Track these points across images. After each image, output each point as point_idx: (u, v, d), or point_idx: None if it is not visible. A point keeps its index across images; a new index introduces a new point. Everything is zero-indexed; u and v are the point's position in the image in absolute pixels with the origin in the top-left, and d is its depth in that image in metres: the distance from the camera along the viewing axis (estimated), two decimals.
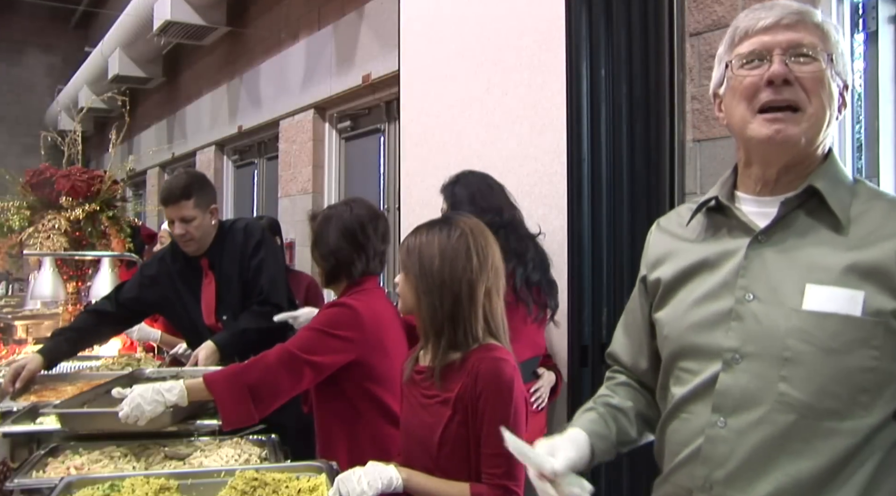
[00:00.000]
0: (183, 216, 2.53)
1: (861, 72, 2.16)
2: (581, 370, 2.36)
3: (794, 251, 1.10)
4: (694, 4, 2.40)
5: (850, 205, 1.10)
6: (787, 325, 1.07)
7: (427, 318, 1.57)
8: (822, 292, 1.05)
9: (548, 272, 2.32)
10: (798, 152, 1.12)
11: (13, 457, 2.04)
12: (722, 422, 1.11)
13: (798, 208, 1.12)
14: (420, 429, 1.59)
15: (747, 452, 1.08)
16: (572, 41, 2.36)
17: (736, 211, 1.17)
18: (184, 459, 1.89)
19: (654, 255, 1.28)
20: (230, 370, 1.91)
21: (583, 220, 2.36)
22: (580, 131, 2.37)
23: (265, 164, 6.79)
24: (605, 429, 1.26)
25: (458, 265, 1.55)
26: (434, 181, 2.73)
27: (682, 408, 1.17)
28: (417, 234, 1.61)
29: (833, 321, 1.04)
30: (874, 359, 1.03)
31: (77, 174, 3.70)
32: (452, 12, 2.98)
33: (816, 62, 1.09)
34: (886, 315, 1.03)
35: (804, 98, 1.10)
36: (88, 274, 3.77)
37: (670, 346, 1.20)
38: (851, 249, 1.06)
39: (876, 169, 2.11)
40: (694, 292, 1.18)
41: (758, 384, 1.08)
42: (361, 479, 1.47)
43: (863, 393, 1.03)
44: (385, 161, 4.86)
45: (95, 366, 3.17)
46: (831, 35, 1.13)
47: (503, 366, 1.52)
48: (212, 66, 7.64)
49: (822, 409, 1.04)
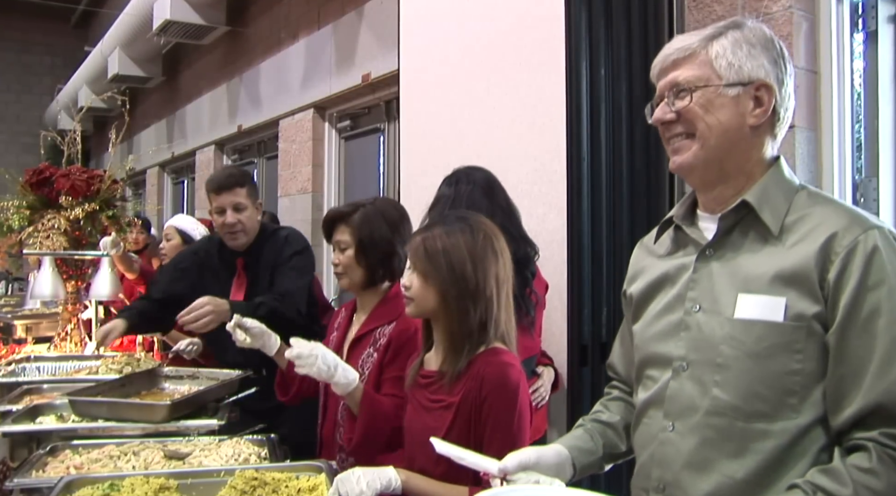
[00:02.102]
0: (237, 203, 2.52)
1: (861, 72, 2.16)
2: (581, 370, 2.36)
3: (732, 263, 1.16)
4: (693, 4, 2.41)
5: (785, 213, 1.14)
6: (721, 333, 1.13)
7: (457, 323, 1.53)
8: (750, 300, 1.11)
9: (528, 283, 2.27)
10: (709, 173, 1.18)
11: (13, 456, 2.04)
12: (671, 427, 1.18)
13: (738, 222, 1.17)
14: (423, 432, 1.57)
15: (690, 454, 1.15)
16: (572, 41, 2.36)
17: (688, 228, 1.24)
18: (183, 459, 1.89)
19: (632, 271, 1.36)
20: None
21: (582, 220, 2.36)
22: (580, 131, 2.36)
23: (265, 164, 6.79)
24: (589, 443, 1.34)
25: (490, 268, 1.53)
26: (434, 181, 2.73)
27: (643, 413, 1.26)
28: (433, 234, 1.55)
29: (758, 327, 1.09)
30: (798, 362, 1.07)
31: (77, 173, 3.69)
32: (452, 12, 2.98)
33: (696, 92, 1.15)
34: (808, 319, 1.07)
35: (688, 128, 1.17)
36: (88, 273, 3.76)
37: (639, 355, 1.29)
38: (780, 256, 1.11)
39: (875, 169, 2.12)
40: (657, 305, 1.25)
41: (697, 389, 1.15)
42: (360, 480, 1.46)
43: (790, 395, 1.08)
44: (385, 161, 4.86)
45: (95, 366, 3.17)
46: (714, 50, 1.16)
47: (510, 372, 1.50)
48: (211, 66, 7.64)
49: (751, 412, 1.09)
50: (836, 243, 1.07)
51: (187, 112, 8.34)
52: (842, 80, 2.16)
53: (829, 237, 1.07)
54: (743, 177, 1.17)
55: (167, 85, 9.08)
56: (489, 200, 2.24)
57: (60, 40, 13.45)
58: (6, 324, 4.25)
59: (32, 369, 3.21)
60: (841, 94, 2.16)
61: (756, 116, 1.15)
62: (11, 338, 4.11)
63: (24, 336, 4.13)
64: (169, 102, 9.06)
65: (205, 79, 7.80)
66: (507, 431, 1.47)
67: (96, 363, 3.21)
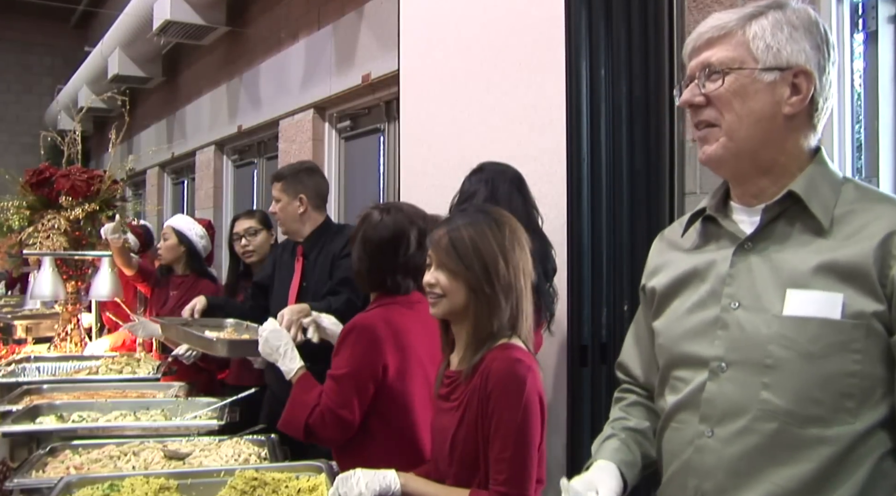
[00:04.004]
0: (274, 196, 2.76)
1: (861, 72, 2.16)
2: (581, 370, 2.35)
3: (777, 257, 1.09)
4: (694, 4, 2.40)
5: (834, 205, 1.07)
6: (769, 332, 1.06)
7: (486, 319, 1.48)
8: (802, 296, 1.04)
9: (550, 278, 2.31)
10: (741, 165, 1.12)
11: (13, 456, 2.04)
12: (709, 432, 1.10)
13: (781, 214, 1.10)
14: (440, 432, 1.56)
15: (734, 462, 1.07)
16: (572, 41, 2.36)
17: (723, 220, 1.16)
18: (183, 459, 1.89)
19: (653, 265, 1.29)
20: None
21: (582, 220, 2.36)
22: (580, 131, 2.36)
23: (265, 164, 6.78)
24: (630, 455, 1.24)
25: (519, 263, 1.50)
26: (434, 181, 2.73)
27: (674, 418, 1.18)
28: (459, 229, 1.50)
29: (812, 325, 1.02)
30: (856, 363, 1.00)
31: (77, 174, 3.70)
32: (452, 12, 2.98)
33: (729, 75, 1.09)
34: (868, 317, 1.00)
35: (716, 116, 1.11)
36: (88, 273, 3.77)
37: (665, 355, 1.21)
38: (833, 251, 1.04)
39: (875, 169, 2.11)
40: (686, 301, 1.18)
41: (741, 392, 1.07)
42: (360, 481, 1.46)
43: (847, 398, 1.01)
44: (385, 161, 4.85)
45: (95, 366, 3.17)
46: (752, 31, 1.09)
47: (517, 367, 1.45)
48: (211, 66, 7.64)
49: (805, 416, 1.02)
50: None
51: (187, 112, 8.33)
52: (841, 81, 2.16)
53: (890, 233, 1.00)
54: (779, 168, 1.10)
55: (167, 85, 9.07)
56: (524, 199, 2.27)
57: (60, 40, 13.44)
58: (6, 325, 4.25)
59: (32, 369, 3.22)
60: (841, 95, 2.16)
61: (792, 105, 1.08)
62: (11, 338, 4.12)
63: (24, 336, 4.13)
64: (169, 103, 9.05)
65: (205, 79, 7.79)
66: (510, 427, 1.43)
67: (96, 363, 3.21)
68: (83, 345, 3.70)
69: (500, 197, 2.23)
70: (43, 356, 3.48)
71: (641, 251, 2.44)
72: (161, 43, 7.56)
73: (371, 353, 1.81)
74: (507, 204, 2.22)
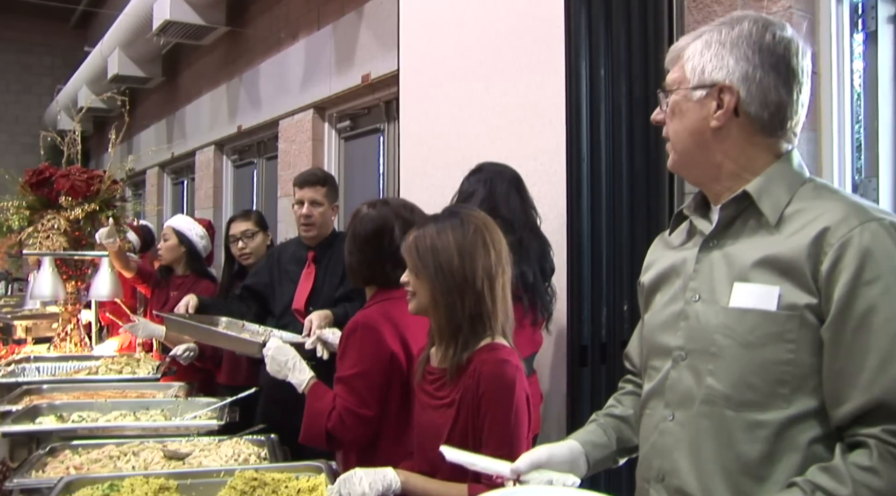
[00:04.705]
0: (314, 199, 2.76)
1: (860, 72, 2.16)
2: (580, 370, 2.35)
3: (731, 252, 1.16)
4: (693, 4, 2.40)
5: (786, 204, 1.13)
6: (716, 322, 1.14)
7: (445, 318, 1.54)
8: (745, 289, 1.12)
9: (548, 278, 2.32)
10: (692, 173, 1.23)
11: (12, 456, 2.04)
12: (671, 416, 1.19)
13: (742, 212, 1.17)
14: (431, 428, 1.59)
15: (687, 444, 1.16)
16: (571, 41, 2.36)
17: (696, 220, 1.24)
18: (183, 459, 1.89)
19: (647, 261, 1.37)
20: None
21: (582, 220, 2.36)
22: (579, 131, 2.36)
23: (265, 164, 6.78)
24: (602, 438, 1.35)
25: (478, 261, 1.52)
26: (433, 181, 2.73)
27: (646, 404, 1.27)
28: (424, 230, 1.58)
29: (752, 316, 1.10)
30: (790, 352, 1.07)
31: (76, 174, 3.70)
32: (452, 12, 2.98)
33: (671, 95, 1.21)
34: (801, 309, 1.06)
35: (668, 131, 1.23)
36: (88, 274, 3.76)
37: (645, 346, 1.31)
38: (776, 246, 1.11)
39: (875, 169, 2.11)
40: (665, 296, 1.26)
41: (694, 379, 1.16)
42: (363, 481, 1.47)
43: (781, 385, 1.08)
44: (384, 161, 4.85)
45: (95, 366, 3.18)
46: (687, 53, 1.19)
47: (505, 368, 1.51)
48: (211, 66, 7.63)
49: (742, 401, 1.10)
50: (830, 235, 1.06)
51: (187, 112, 8.33)
52: (841, 81, 2.16)
53: (823, 229, 1.06)
54: (729, 174, 1.18)
55: (167, 85, 9.07)
56: (522, 199, 2.28)
57: (60, 40, 13.43)
58: (6, 325, 4.25)
59: (32, 369, 3.22)
60: (841, 95, 2.16)
61: (717, 118, 1.16)
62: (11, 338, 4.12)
63: (24, 336, 4.13)
64: (169, 103, 9.05)
65: (204, 79, 7.79)
66: (504, 427, 1.48)
67: (96, 363, 3.22)
68: (83, 345, 3.70)
69: (498, 197, 2.24)
70: (43, 356, 3.48)
71: (641, 251, 2.43)
72: (161, 43, 7.55)
73: (377, 348, 1.83)
74: (506, 204, 2.24)
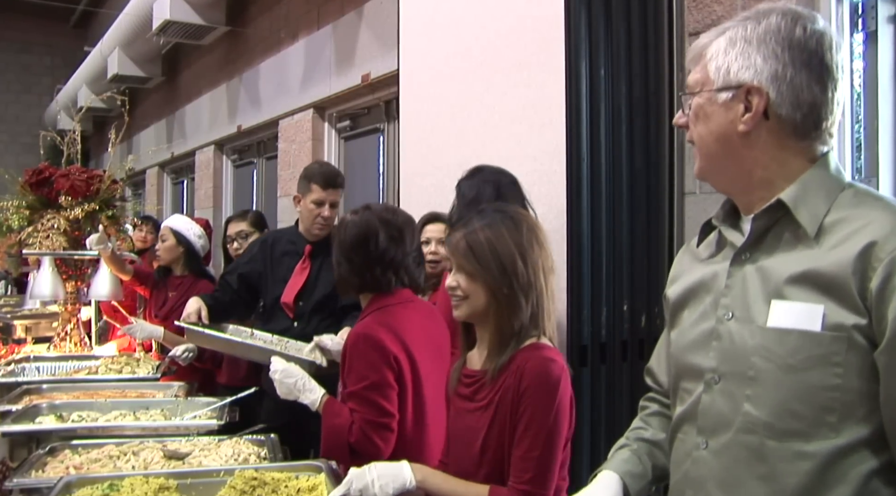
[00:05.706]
0: (336, 201, 2.79)
1: (860, 72, 2.15)
2: (581, 370, 2.35)
3: (766, 266, 1.06)
4: (693, 4, 2.40)
5: (825, 213, 1.03)
6: (753, 343, 1.04)
7: (507, 319, 1.47)
8: (784, 307, 1.02)
9: None
10: (721, 181, 1.14)
11: (12, 456, 2.04)
12: (704, 444, 1.10)
13: (776, 223, 1.07)
14: (465, 433, 1.53)
15: (721, 475, 1.07)
16: (571, 41, 2.36)
17: (725, 230, 1.15)
18: (183, 459, 1.89)
19: (673, 273, 1.28)
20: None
21: (582, 220, 2.36)
22: (579, 131, 2.36)
23: (264, 164, 6.78)
24: (638, 466, 1.25)
25: (538, 261, 1.49)
26: (433, 181, 2.73)
27: (678, 429, 1.18)
28: (475, 230, 1.50)
29: (793, 337, 1.00)
30: (837, 377, 0.97)
31: (76, 174, 3.69)
32: (452, 12, 2.97)
33: (694, 97, 1.12)
34: (848, 329, 0.97)
35: (692, 135, 1.14)
36: (87, 273, 3.76)
37: (674, 366, 1.21)
38: (817, 260, 1.01)
39: (875, 169, 2.11)
40: (693, 313, 1.17)
41: (729, 405, 1.06)
42: (375, 482, 1.44)
43: (828, 412, 0.98)
44: (384, 161, 4.85)
45: (95, 365, 3.17)
46: (710, 52, 1.10)
47: (551, 367, 1.45)
48: (211, 66, 7.63)
49: (785, 430, 1.00)
50: (879, 250, 0.95)
51: (187, 112, 8.33)
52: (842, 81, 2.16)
53: (870, 243, 0.96)
54: (761, 181, 1.08)
55: (167, 85, 9.07)
56: (522, 201, 2.31)
57: (60, 40, 13.43)
58: (6, 325, 4.25)
59: (32, 369, 3.22)
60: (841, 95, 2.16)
61: (745, 123, 1.06)
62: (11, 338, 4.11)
63: (23, 336, 4.13)
64: (168, 102, 9.05)
65: (204, 79, 7.79)
66: (541, 428, 1.42)
67: (96, 363, 3.21)
68: (83, 345, 3.70)
69: (506, 198, 2.24)
70: (42, 356, 3.48)
71: (641, 251, 2.45)
72: (161, 43, 7.55)
73: (382, 356, 1.81)
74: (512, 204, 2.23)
